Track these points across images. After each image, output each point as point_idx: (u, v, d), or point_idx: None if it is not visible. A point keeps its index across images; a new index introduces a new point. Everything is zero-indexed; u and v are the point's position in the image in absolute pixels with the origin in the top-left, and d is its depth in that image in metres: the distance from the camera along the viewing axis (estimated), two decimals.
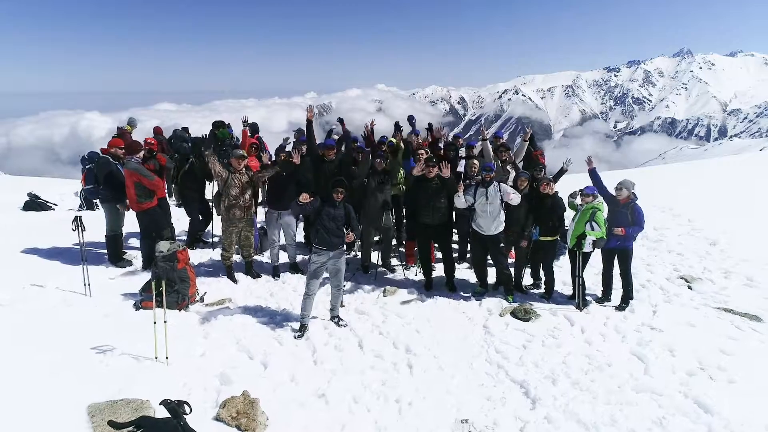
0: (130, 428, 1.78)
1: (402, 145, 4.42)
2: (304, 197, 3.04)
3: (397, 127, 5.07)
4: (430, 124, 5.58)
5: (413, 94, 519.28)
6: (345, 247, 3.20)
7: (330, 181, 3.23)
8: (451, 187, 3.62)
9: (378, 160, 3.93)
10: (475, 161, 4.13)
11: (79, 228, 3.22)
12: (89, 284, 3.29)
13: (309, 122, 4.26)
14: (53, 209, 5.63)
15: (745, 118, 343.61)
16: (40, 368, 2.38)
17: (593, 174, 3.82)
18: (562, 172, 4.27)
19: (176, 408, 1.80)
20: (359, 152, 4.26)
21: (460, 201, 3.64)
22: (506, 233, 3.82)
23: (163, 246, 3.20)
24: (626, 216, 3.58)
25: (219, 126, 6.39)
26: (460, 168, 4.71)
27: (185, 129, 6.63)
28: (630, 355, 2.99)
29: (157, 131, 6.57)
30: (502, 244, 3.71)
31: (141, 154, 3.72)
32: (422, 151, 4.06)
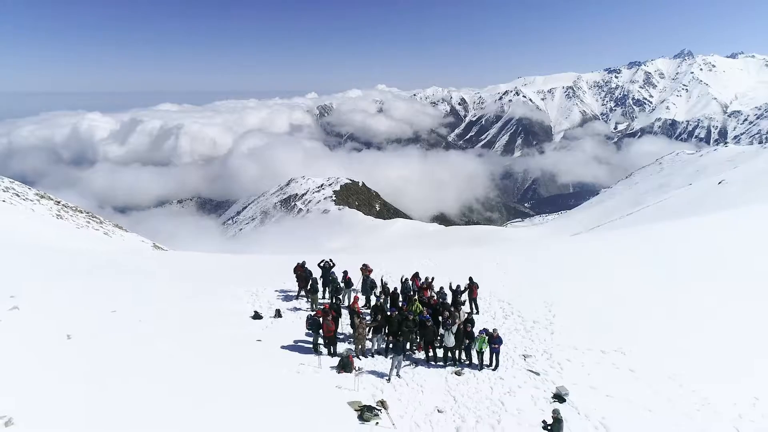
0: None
1: (421, 307, 11.39)
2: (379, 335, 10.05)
3: (421, 278, 12.18)
4: (433, 277, 12.56)
5: (414, 95, 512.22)
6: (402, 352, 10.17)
7: (394, 325, 10.20)
8: (435, 330, 10.65)
9: (410, 316, 10.86)
10: (447, 312, 11.07)
11: (319, 357, 10.20)
12: (320, 365, 10.24)
13: (381, 302, 11.28)
14: (262, 318, 12.51)
15: (746, 119, 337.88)
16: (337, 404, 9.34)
17: (484, 330, 10.71)
18: (471, 322, 11.21)
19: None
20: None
21: (441, 331, 10.61)
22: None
23: (345, 351, 10.14)
24: (497, 341, 10.49)
25: (323, 260, 13.35)
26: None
27: (331, 260, 13.41)
28: (488, 387, 9.92)
29: (298, 269, 13.44)
30: (455, 348, 10.66)
31: (330, 316, 10.63)
32: (426, 315, 11.02)
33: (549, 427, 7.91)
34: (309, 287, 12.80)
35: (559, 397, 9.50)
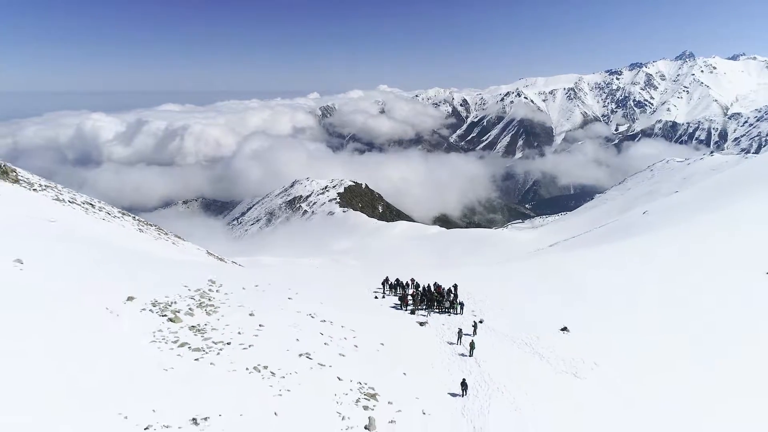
0: None
1: (437, 294, 23.86)
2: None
3: (438, 284, 25.15)
4: (437, 283, 25.55)
5: (416, 95, 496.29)
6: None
7: (426, 300, 23.27)
8: (441, 301, 23.50)
9: (433, 297, 23.27)
10: (447, 295, 23.94)
11: (402, 311, 23.24)
12: (404, 313, 23.19)
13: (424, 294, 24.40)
14: (377, 298, 25.32)
15: (746, 121, 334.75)
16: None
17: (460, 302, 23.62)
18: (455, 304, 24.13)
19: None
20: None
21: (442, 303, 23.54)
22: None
23: (411, 308, 23.11)
24: (461, 304, 23.00)
25: (396, 278, 26.58)
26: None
27: (398, 279, 26.05)
28: (459, 319, 22.28)
29: (385, 281, 26.18)
30: (449, 307, 23.34)
31: (405, 297, 23.56)
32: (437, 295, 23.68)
33: (474, 325, 19.39)
34: (390, 287, 25.65)
35: (481, 321, 20.67)
